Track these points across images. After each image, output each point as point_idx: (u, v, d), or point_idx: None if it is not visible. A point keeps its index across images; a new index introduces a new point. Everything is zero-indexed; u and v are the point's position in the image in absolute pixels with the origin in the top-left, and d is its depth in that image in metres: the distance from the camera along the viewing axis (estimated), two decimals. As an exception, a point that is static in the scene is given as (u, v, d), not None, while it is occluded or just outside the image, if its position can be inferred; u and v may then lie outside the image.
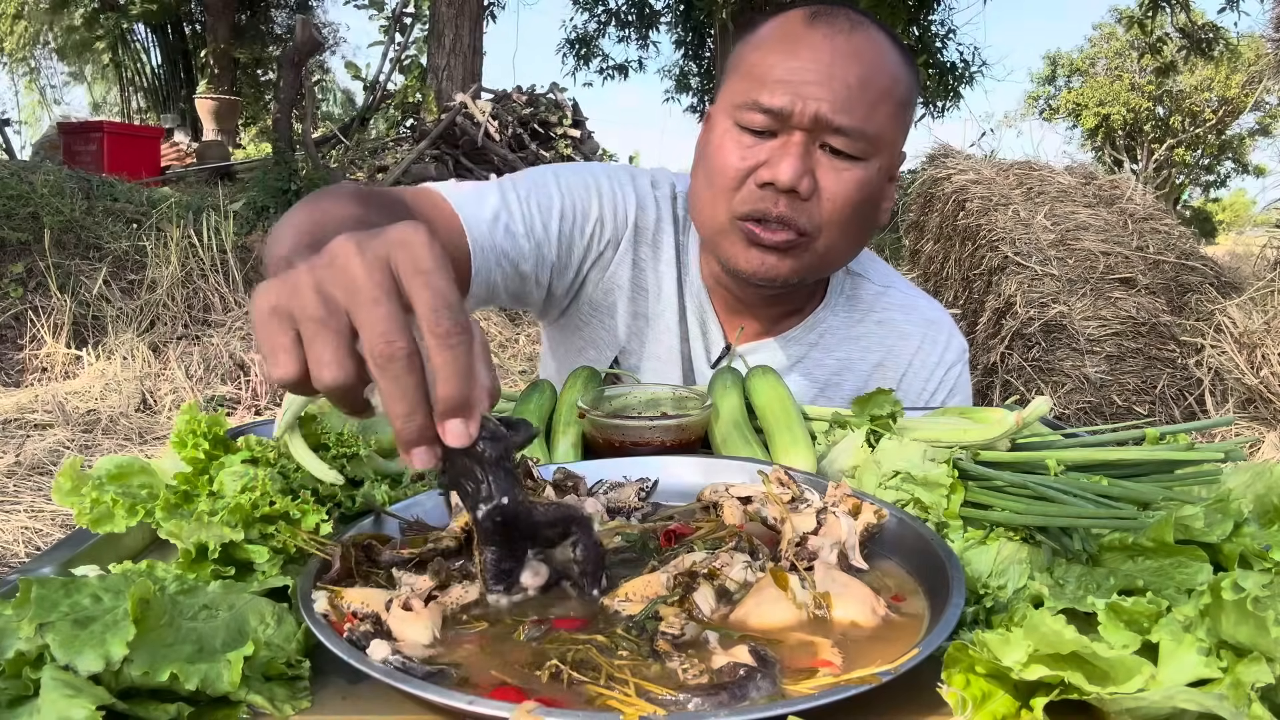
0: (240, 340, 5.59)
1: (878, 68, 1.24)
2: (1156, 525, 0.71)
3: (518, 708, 0.51)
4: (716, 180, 1.27)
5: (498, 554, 0.66)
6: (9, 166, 6.74)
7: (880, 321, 1.50)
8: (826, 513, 0.78)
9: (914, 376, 1.49)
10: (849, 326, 1.49)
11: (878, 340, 1.49)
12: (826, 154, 1.23)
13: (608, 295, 1.45)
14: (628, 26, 15.36)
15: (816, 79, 1.20)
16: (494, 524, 0.63)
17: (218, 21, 15.45)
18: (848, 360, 1.48)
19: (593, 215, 1.39)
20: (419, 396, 0.56)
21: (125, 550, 0.85)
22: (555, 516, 0.67)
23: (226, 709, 0.58)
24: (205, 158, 10.87)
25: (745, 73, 1.27)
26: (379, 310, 0.55)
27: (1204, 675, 0.53)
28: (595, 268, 1.43)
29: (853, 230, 1.30)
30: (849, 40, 1.23)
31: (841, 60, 1.21)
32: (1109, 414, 4.70)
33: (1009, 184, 5.85)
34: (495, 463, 0.62)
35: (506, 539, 0.65)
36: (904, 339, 1.49)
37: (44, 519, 3.41)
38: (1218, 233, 28.21)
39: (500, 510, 0.62)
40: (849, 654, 0.61)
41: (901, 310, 1.51)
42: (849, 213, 1.26)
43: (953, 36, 12.88)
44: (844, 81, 1.20)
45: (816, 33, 1.23)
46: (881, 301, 1.51)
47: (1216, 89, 25.13)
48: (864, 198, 1.27)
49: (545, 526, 0.66)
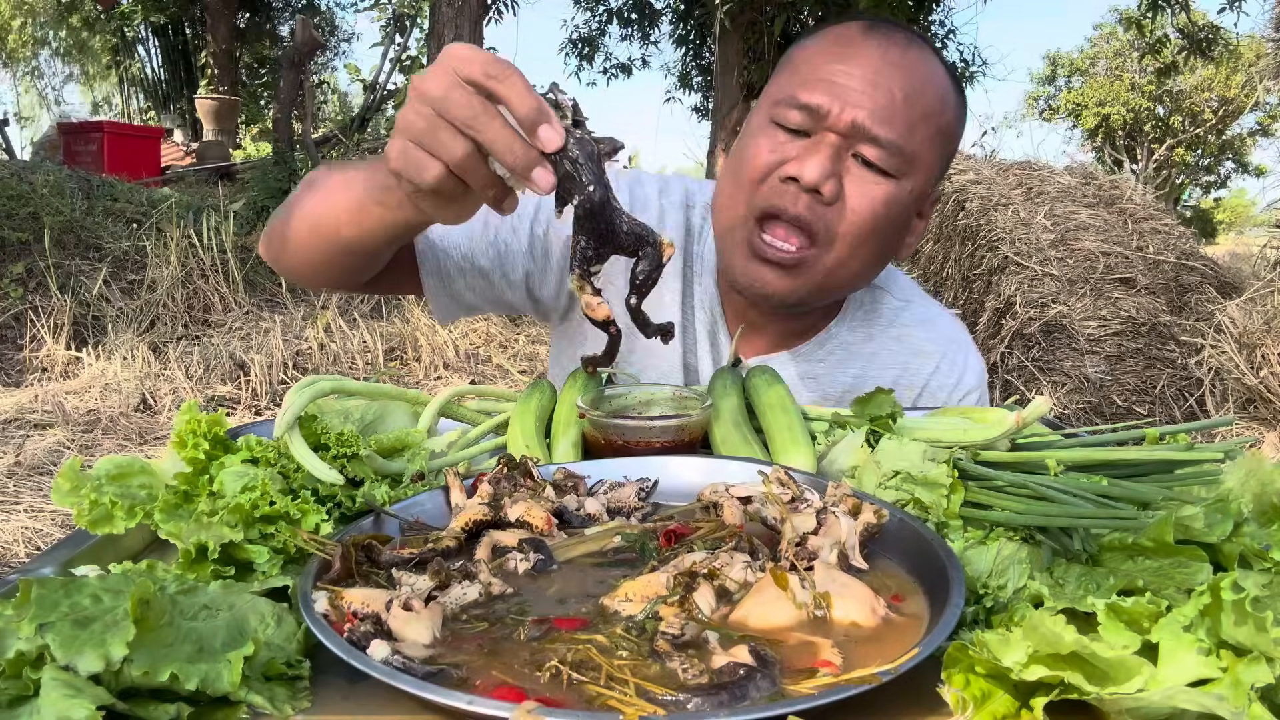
0: (240, 340, 5.60)
1: (925, 87, 1.21)
2: (1156, 525, 0.71)
3: (518, 708, 0.51)
4: (743, 172, 1.23)
5: (587, 242, 0.78)
6: (9, 166, 6.75)
7: (898, 338, 1.44)
8: (826, 513, 0.78)
9: (929, 399, 1.44)
10: (864, 341, 1.44)
11: (894, 357, 1.43)
12: (858, 164, 1.20)
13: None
14: (630, 25, 15.35)
15: (860, 86, 1.18)
16: (586, 212, 0.77)
17: (218, 22, 15.44)
18: (863, 377, 1.43)
19: None
20: (512, 133, 0.76)
21: (125, 550, 0.85)
22: (635, 231, 0.80)
23: (226, 709, 0.58)
24: (205, 158, 10.88)
25: (791, 71, 1.25)
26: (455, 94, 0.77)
27: (1204, 675, 0.53)
28: None
29: (867, 251, 1.25)
30: (902, 54, 1.20)
31: (889, 71, 1.18)
32: (1109, 414, 4.70)
33: (1009, 184, 5.85)
34: (584, 162, 0.77)
35: (595, 232, 0.77)
36: (921, 356, 1.44)
37: (44, 519, 3.41)
38: (1218, 233, 28.22)
39: (590, 200, 0.77)
40: (849, 654, 0.61)
41: (921, 327, 1.45)
42: (868, 230, 1.21)
43: (953, 36, 12.87)
44: (888, 92, 1.18)
45: (870, 42, 1.21)
46: (901, 317, 1.45)
47: (1216, 89, 25.12)
48: (888, 217, 1.22)
49: (625, 235, 0.79)
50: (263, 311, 6.09)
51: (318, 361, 5.59)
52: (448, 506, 0.86)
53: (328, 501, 0.86)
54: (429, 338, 6.08)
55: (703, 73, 15.49)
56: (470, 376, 5.91)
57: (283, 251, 1.27)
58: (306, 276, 1.30)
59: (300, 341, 5.72)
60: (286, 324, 5.90)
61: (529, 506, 0.83)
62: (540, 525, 0.81)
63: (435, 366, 5.95)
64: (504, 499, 0.84)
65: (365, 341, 5.87)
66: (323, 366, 5.58)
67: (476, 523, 0.81)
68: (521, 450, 1.03)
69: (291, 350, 5.56)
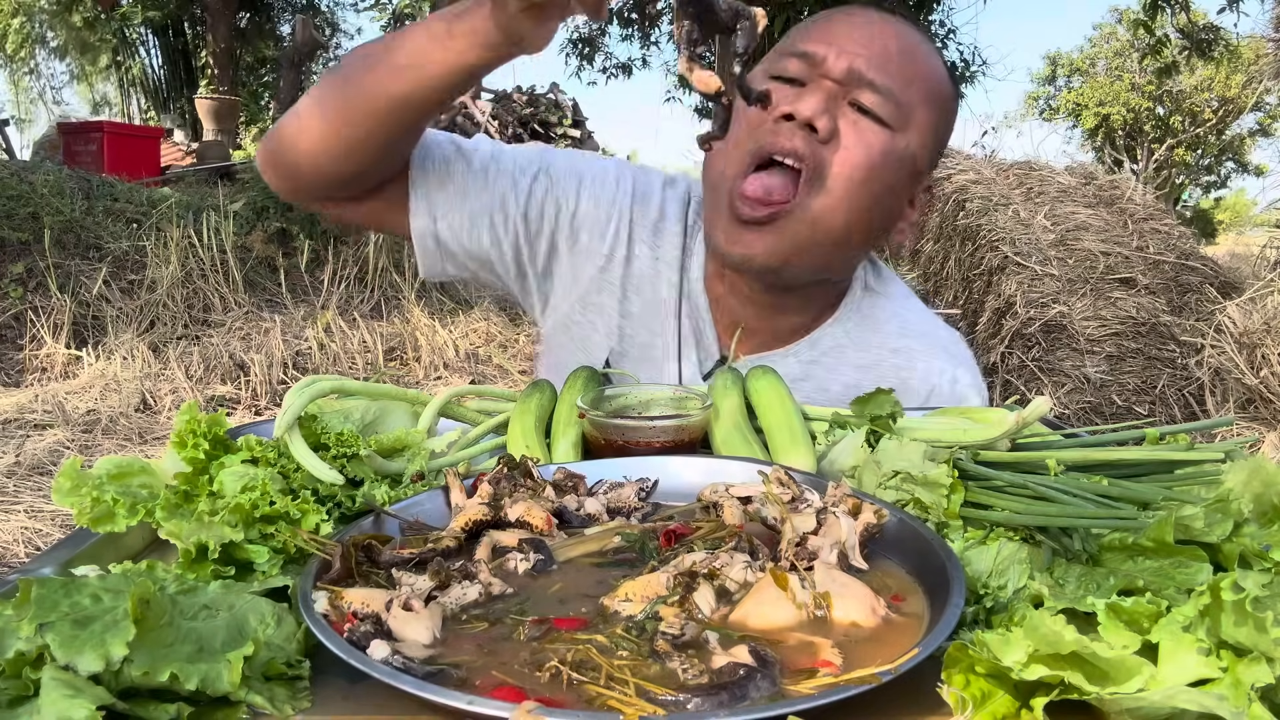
0: (240, 340, 5.60)
1: (919, 52, 1.25)
2: (1156, 525, 0.71)
3: (518, 708, 0.51)
4: (740, 121, 1.22)
5: (691, 25, 0.83)
6: (9, 166, 6.74)
7: (896, 350, 1.40)
8: (826, 513, 0.78)
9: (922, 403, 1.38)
10: (860, 349, 1.40)
11: (890, 367, 1.39)
12: (854, 110, 1.21)
13: (600, 290, 1.41)
14: (630, 25, 15.37)
15: (858, 36, 1.22)
16: None
17: (218, 22, 15.45)
18: (857, 386, 1.36)
19: (572, 187, 1.38)
20: None
21: (125, 550, 0.85)
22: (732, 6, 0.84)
23: (226, 709, 0.58)
24: (205, 158, 10.87)
25: (789, 39, 1.28)
26: None
27: (1204, 675, 0.53)
28: (575, 248, 1.40)
29: (858, 202, 1.22)
30: (897, 25, 1.25)
31: (886, 29, 1.23)
32: (1109, 414, 4.70)
33: (1009, 184, 5.85)
34: None
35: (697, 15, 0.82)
36: (917, 361, 1.39)
37: (44, 519, 3.41)
38: (1218, 233, 28.23)
39: None
40: (849, 654, 0.61)
41: (919, 338, 1.42)
42: (862, 173, 1.20)
43: (953, 36, 12.88)
44: (884, 46, 1.22)
45: (868, 13, 1.26)
46: (896, 323, 1.42)
47: (1216, 89, 25.14)
48: (884, 167, 1.21)
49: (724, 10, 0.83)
50: (263, 311, 6.09)
51: (318, 361, 5.59)
52: (448, 506, 0.86)
53: (328, 501, 0.86)
54: (429, 338, 6.08)
55: (702, 72, 15.45)
56: (470, 376, 5.91)
57: (300, 136, 1.24)
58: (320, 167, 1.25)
59: (300, 341, 5.72)
60: (286, 324, 5.90)
61: (529, 506, 0.83)
62: (540, 525, 0.81)
63: (435, 366, 5.95)
64: (504, 499, 0.84)
65: (365, 341, 5.87)
66: (323, 366, 5.58)
67: (476, 523, 0.81)
68: (521, 450, 1.03)
69: (291, 350, 5.57)
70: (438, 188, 1.34)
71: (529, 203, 1.36)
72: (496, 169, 1.36)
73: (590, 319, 1.43)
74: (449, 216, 1.34)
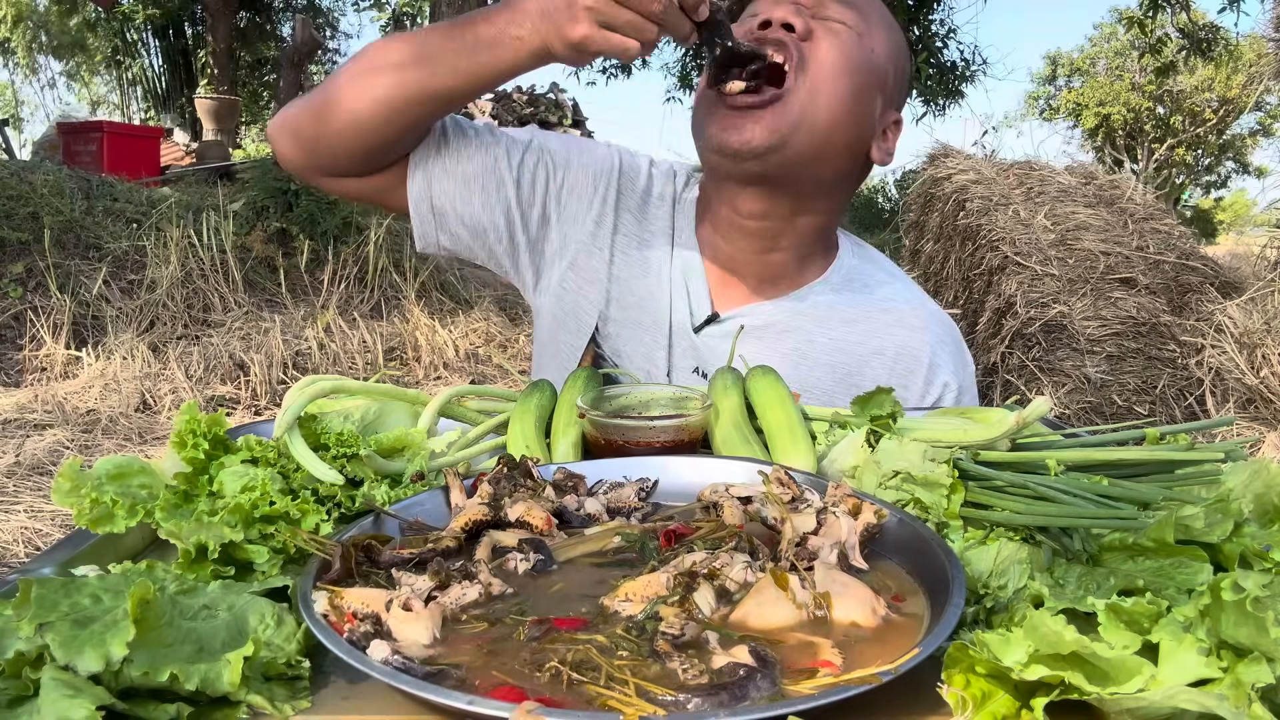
0: (240, 340, 5.60)
1: None
2: (1157, 525, 0.71)
3: (518, 708, 0.51)
4: None
5: (714, 46, 1.18)
6: (9, 166, 6.74)
7: (886, 309, 1.44)
8: (826, 513, 0.78)
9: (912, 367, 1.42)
10: (847, 306, 1.44)
11: (882, 326, 1.43)
12: (821, 21, 1.30)
13: (589, 255, 1.46)
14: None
15: None
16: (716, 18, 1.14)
17: (218, 22, 15.45)
18: (844, 340, 1.42)
19: (561, 158, 1.46)
20: None
21: (125, 550, 0.85)
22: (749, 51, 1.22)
23: (226, 709, 0.58)
24: (205, 158, 10.87)
25: None
26: None
27: (1204, 675, 0.53)
28: (563, 215, 1.46)
29: (841, 99, 1.29)
30: None
31: None
32: (1109, 414, 4.70)
33: (1009, 184, 5.85)
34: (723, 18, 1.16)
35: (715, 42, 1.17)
36: (907, 330, 1.43)
37: (44, 519, 3.41)
38: (1218, 233, 28.23)
39: (719, 9, 1.14)
40: (849, 654, 0.61)
41: (909, 305, 1.46)
42: (841, 66, 1.28)
43: (953, 36, 12.87)
44: None
45: None
46: (885, 290, 1.46)
47: (1217, 89, 25.14)
48: (859, 62, 1.30)
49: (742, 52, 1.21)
50: (262, 311, 6.09)
51: (318, 361, 5.59)
52: (448, 506, 0.86)
53: (328, 501, 0.86)
54: (429, 338, 6.08)
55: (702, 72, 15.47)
56: (470, 376, 5.91)
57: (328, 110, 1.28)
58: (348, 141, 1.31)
59: (300, 341, 5.72)
60: (286, 324, 5.90)
61: (529, 506, 0.83)
62: (540, 525, 0.81)
63: (435, 366, 5.95)
64: (504, 499, 0.84)
65: (365, 341, 5.87)
66: (323, 366, 5.58)
67: (476, 523, 0.81)
68: (521, 450, 1.03)
69: (291, 350, 5.57)
70: (435, 155, 1.40)
71: (520, 170, 1.43)
72: (491, 138, 1.44)
73: (579, 284, 1.47)
74: (443, 180, 1.40)
